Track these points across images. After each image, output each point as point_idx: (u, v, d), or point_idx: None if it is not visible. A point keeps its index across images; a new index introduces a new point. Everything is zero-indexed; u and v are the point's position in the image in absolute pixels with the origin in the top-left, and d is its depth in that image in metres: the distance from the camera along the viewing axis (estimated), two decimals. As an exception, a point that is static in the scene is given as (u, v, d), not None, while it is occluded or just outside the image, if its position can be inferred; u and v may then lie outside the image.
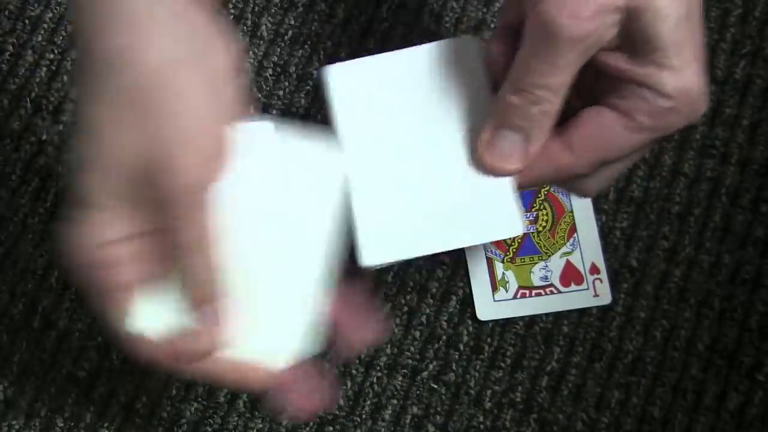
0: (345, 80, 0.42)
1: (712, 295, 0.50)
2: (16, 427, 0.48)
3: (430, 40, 0.51)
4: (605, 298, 0.50)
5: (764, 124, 0.53)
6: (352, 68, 0.42)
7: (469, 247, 0.50)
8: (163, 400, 0.48)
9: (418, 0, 0.55)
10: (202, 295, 0.36)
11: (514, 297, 0.50)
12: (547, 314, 0.49)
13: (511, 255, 0.50)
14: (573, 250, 0.51)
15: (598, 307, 0.50)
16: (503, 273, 0.50)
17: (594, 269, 0.50)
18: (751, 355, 0.49)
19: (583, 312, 0.49)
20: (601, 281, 0.50)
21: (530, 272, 0.50)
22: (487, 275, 0.50)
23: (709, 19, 0.55)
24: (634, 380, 0.49)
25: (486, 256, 0.50)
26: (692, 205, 0.51)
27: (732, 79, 0.53)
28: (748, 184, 0.52)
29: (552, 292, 0.50)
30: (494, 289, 0.50)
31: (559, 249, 0.51)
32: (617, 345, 0.49)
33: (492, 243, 0.50)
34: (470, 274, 0.50)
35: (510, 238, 0.51)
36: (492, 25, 0.54)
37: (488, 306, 0.49)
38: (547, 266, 0.50)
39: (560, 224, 0.51)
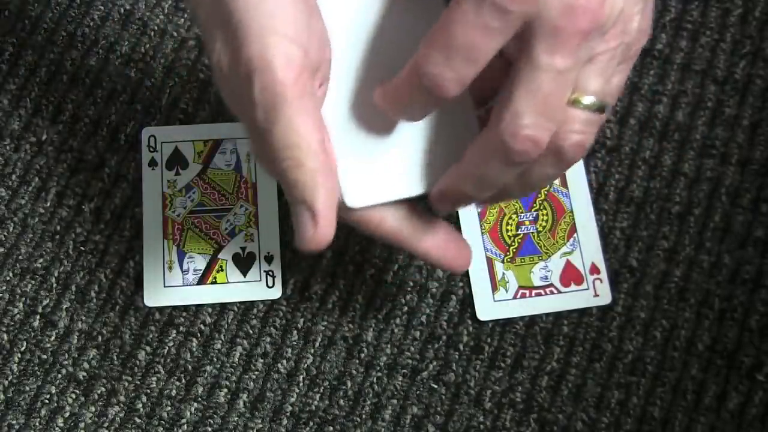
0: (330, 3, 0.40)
1: (712, 295, 0.50)
2: (16, 427, 0.48)
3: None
4: (605, 298, 0.50)
5: (764, 124, 0.53)
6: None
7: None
8: (163, 400, 0.48)
9: (418, 0, 0.55)
10: (294, 197, 0.36)
11: (514, 297, 0.50)
12: (547, 314, 0.49)
13: (511, 255, 0.50)
14: (573, 250, 0.51)
15: (598, 307, 0.50)
16: (503, 273, 0.50)
17: (594, 269, 0.50)
18: (751, 355, 0.49)
19: (583, 312, 0.50)
20: (601, 281, 0.50)
21: (530, 272, 0.50)
22: (487, 275, 0.50)
23: (709, 19, 0.55)
24: (634, 380, 0.49)
25: (486, 256, 0.50)
26: (692, 205, 0.51)
27: (732, 79, 0.53)
28: (748, 184, 0.52)
29: (552, 292, 0.50)
30: (494, 289, 0.50)
31: (559, 249, 0.51)
32: (617, 345, 0.49)
33: (492, 242, 0.50)
34: (470, 274, 0.50)
35: (510, 238, 0.51)
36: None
37: (488, 306, 0.49)
38: (547, 266, 0.50)
39: (560, 224, 0.51)
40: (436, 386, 0.49)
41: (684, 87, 0.53)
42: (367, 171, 0.40)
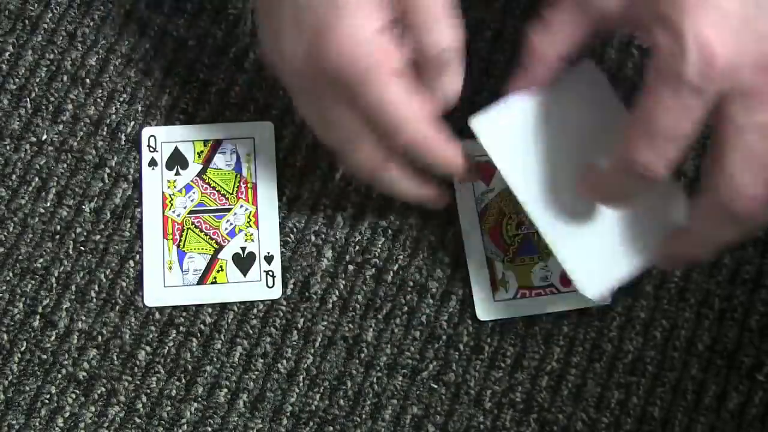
0: (492, 128, 0.44)
1: (712, 295, 0.50)
2: (16, 427, 0.48)
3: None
4: (606, 298, 0.50)
5: (764, 124, 0.53)
6: (495, 116, 0.44)
7: (468, 247, 0.50)
8: (163, 400, 0.48)
9: (418, 0, 0.54)
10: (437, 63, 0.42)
11: (514, 297, 0.50)
12: (547, 314, 0.49)
13: (511, 255, 0.50)
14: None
15: (598, 307, 0.50)
16: (503, 273, 0.50)
17: None
18: (751, 355, 0.49)
19: (583, 312, 0.49)
20: None
21: (530, 272, 0.50)
22: (487, 275, 0.50)
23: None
24: (634, 380, 0.49)
25: (486, 256, 0.50)
26: (692, 205, 0.51)
27: (732, 79, 0.53)
28: (748, 184, 0.51)
29: (552, 292, 0.50)
30: (494, 289, 0.50)
31: None
32: (617, 345, 0.49)
33: (491, 242, 0.50)
34: (470, 275, 0.50)
35: (510, 238, 0.51)
36: (491, 25, 0.54)
37: (488, 306, 0.49)
38: (547, 266, 0.50)
39: None
40: (436, 386, 0.49)
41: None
42: (595, 261, 0.44)
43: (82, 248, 0.50)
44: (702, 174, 0.40)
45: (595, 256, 0.44)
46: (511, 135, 0.44)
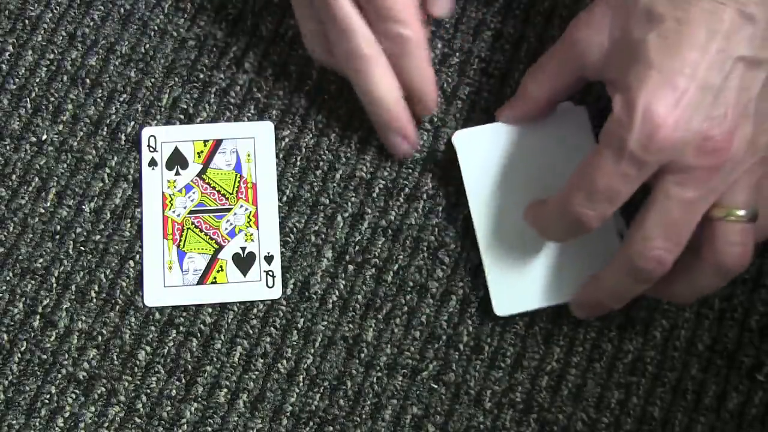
0: (469, 145, 0.50)
1: (712, 295, 0.50)
2: (16, 427, 0.48)
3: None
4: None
5: (764, 124, 0.53)
6: (475, 134, 0.50)
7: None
8: (163, 400, 0.48)
9: (418, 0, 0.55)
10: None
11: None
12: (547, 313, 0.49)
13: None
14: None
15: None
16: None
17: None
18: (751, 355, 0.49)
19: (583, 312, 0.50)
20: None
21: None
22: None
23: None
24: (634, 380, 0.49)
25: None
26: (692, 205, 0.51)
27: (732, 79, 0.53)
28: (748, 184, 0.51)
29: None
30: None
31: None
32: (617, 345, 0.49)
33: None
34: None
35: None
36: (492, 25, 0.54)
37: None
38: None
39: None
40: (436, 386, 0.49)
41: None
42: (512, 283, 0.48)
43: (82, 248, 0.50)
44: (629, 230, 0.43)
45: (516, 282, 0.48)
46: (484, 155, 0.49)
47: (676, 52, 0.39)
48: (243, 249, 0.50)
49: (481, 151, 0.49)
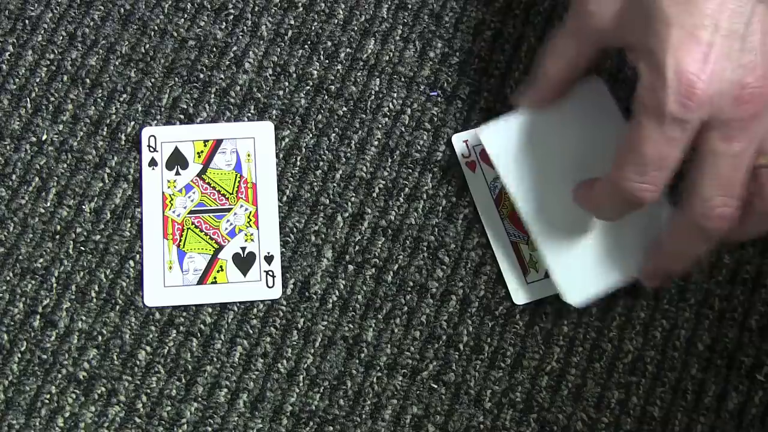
0: (497, 138, 0.48)
1: (712, 295, 0.50)
2: (16, 427, 0.48)
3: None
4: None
5: (764, 124, 0.53)
6: (501, 126, 0.48)
7: (488, 232, 0.51)
8: (163, 400, 0.48)
9: (418, 0, 0.55)
10: None
11: (546, 276, 0.50)
12: (546, 314, 0.49)
13: None
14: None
15: (598, 307, 0.50)
16: (530, 254, 0.50)
17: None
18: (751, 355, 0.49)
19: (583, 312, 0.50)
20: None
21: None
22: (515, 259, 0.50)
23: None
24: (634, 380, 0.49)
25: (510, 241, 0.50)
26: (692, 205, 0.51)
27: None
28: (748, 184, 0.51)
29: None
30: (525, 271, 0.50)
31: None
32: (617, 345, 0.49)
33: (512, 226, 0.51)
34: (498, 261, 0.50)
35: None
36: (491, 25, 0.54)
37: (522, 289, 0.49)
38: None
39: None
40: (436, 386, 0.49)
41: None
42: (579, 270, 0.47)
43: (82, 248, 0.50)
44: (681, 193, 0.42)
45: (581, 266, 0.47)
46: (515, 145, 0.48)
47: (693, 6, 0.38)
48: (243, 249, 0.50)
49: (511, 143, 0.48)
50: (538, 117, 0.48)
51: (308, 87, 0.53)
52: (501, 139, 0.48)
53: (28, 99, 0.53)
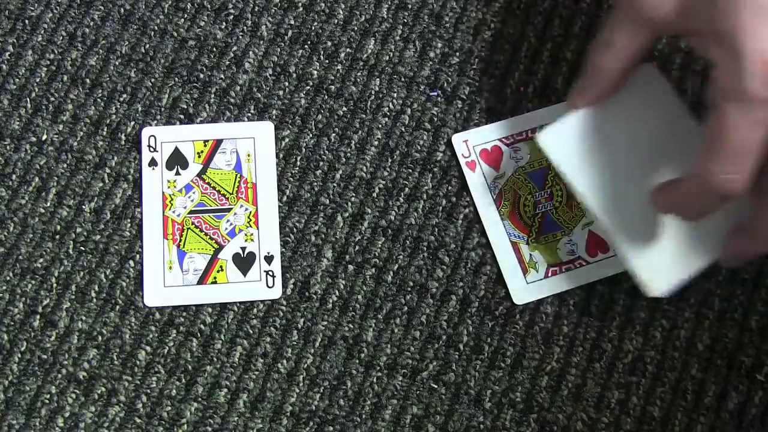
0: (558, 142, 0.46)
1: (712, 295, 0.50)
2: (16, 427, 0.48)
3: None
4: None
5: (764, 124, 0.53)
6: (560, 130, 0.46)
7: (488, 232, 0.51)
8: (163, 400, 0.48)
9: (418, 0, 0.55)
10: None
11: (546, 276, 0.50)
12: (546, 314, 0.49)
13: (534, 235, 0.50)
14: (593, 220, 0.50)
15: (597, 307, 0.50)
16: (530, 254, 0.50)
17: None
18: (751, 355, 0.49)
19: (583, 312, 0.50)
20: None
21: (556, 249, 0.50)
22: (515, 259, 0.50)
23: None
24: (634, 380, 0.49)
25: (510, 241, 0.50)
26: (692, 205, 0.51)
27: (732, 79, 0.53)
28: (748, 184, 0.51)
29: (581, 265, 0.50)
30: (525, 271, 0.50)
31: (579, 221, 0.51)
32: (617, 345, 0.49)
33: (512, 224, 0.51)
34: (498, 261, 0.50)
35: (529, 218, 0.51)
36: (491, 24, 0.54)
37: (522, 289, 0.49)
38: (571, 240, 0.50)
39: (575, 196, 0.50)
40: (436, 386, 0.49)
41: (683, 87, 0.53)
42: (658, 261, 0.45)
43: (82, 248, 0.50)
44: (760, 178, 0.40)
45: (660, 257, 0.45)
46: (577, 147, 0.46)
47: None
48: (243, 249, 0.50)
49: (572, 144, 0.46)
50: (596, 113, 0.46)
51: (308, 87, 0.53)
52: (561, 143, 0.46)
53: (28, 99, 0.53)
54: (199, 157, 0.51)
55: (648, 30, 0.42)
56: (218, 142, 0.52)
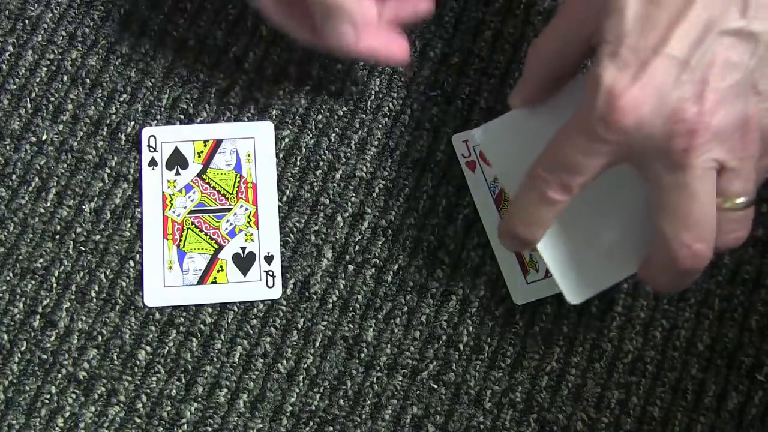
0: (493, 139, 0.47)
1: (712, 295, 0.50)
2: (16, 427, 0.48)
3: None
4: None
5: (764, 124, 0.53)
6: (495, 127, 0.47)
7: (488, 232, 0.51)
8: (163, 400, 0.48)
9: (418, 0, 0.54)
10: None
11: (546, 276, 0.50)
12: (546, 314, 0.49)
13: None
14: None
15: (597, 306, 0.50)
16: (530, 254, 0.50)
17: None
18: (751, 355, 0.49)
19: (583, 312, 0.50)
20: None
21: None
22: (515, 260, 0.50)
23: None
24: (634, 380, 0.49)
25: None
26: (692, 205, 0.51)
27: (732, 79, 0.53)
28: (748, 184, 0.51)
29: None
30: (525, 271, 0.50)
31: None
32: (617, 345, 0.49)
33: None
34: (499, 261, 0.50)
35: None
36: (491, 25, 0.54)
37: (522, 289, 0.49)
38: None
39: None
40: (436, 386, 0.49)
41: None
42: (576, 268, 0.45)
43: (82, 248, 0.50)
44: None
45: (580, 264, 0.45)
46: (510, 145, 0.46)
47: (650, 26, 0.37)
48: (243, 249, 0.50)
49: (506, 142, 0.47)
50: (530, 115, 0.46)
51: (308, 87, 0.53)
52: (496, 139, 0.47)
53: (28, 99, 0.53)
54: (199, 157, 0.51)
55: (578, 39, 0.41)
56: (218, 142, 0.52)
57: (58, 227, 0.51)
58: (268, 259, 0.50)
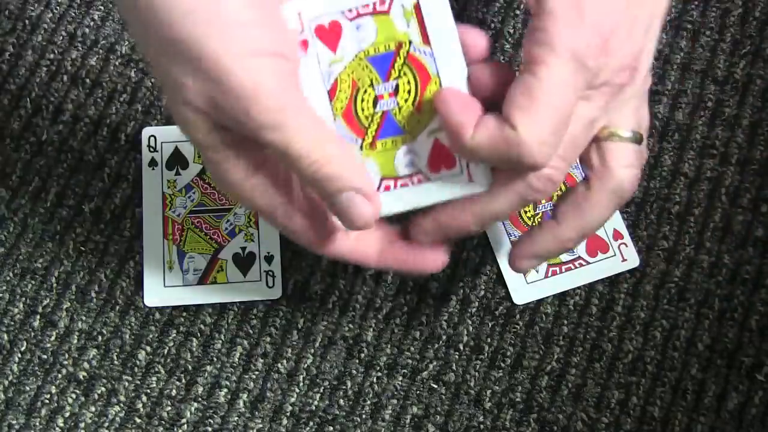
0: None
1: (712, 295, 0.50)
2: (16, 427, 0.48)
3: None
4: (632, 262, 0.50)
5: (764, 124, 0.53)
6: None
7: (488, 232, 0.51)
8: (163, 400, 0.48)
9: (418, 0, 0.54)
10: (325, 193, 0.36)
11: (546, 276, 0.50)
12: (547, 314, 0.49)
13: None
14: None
15: (597, 306, 0.50)
16: None
17: (617, 235, 0.51)
18: (751, 355, 0.49)
19: (583, 312, 0.50)
20: (626, 245, 0.50)
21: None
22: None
23: (709, 19, 0.55)
24: (634, 380, 0.49)
25: (510, 241, 0.50)
26: (692, 205, 0.51)
27: (732, 79, 0.53)
28: (748, 184, 0.52)
29: (581, 264, 0.50)
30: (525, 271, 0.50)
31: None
32: (617, 345, 0.49)
33: (512, 224, 0.51)
34: (498, 261, 0.50)
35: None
36: (491, 24, 0.54)
37: (522, 289, 0.50)
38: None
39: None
40: (436, 386, 0.49)
41: (684, 87, 0.53)
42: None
43: (82, 248, 0.50)
44: None
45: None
46: None
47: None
48: (243, 249, 0.50)
49: None
50: None
51: (308, 87, 0.53)
52: None
53: (28, 99, 0.53)
54: (200, 157, 0.51)
55: None
56: (218, 142, 0.52)
57: (58, 227, 0.51)
58: (268, 259, 0.50)
